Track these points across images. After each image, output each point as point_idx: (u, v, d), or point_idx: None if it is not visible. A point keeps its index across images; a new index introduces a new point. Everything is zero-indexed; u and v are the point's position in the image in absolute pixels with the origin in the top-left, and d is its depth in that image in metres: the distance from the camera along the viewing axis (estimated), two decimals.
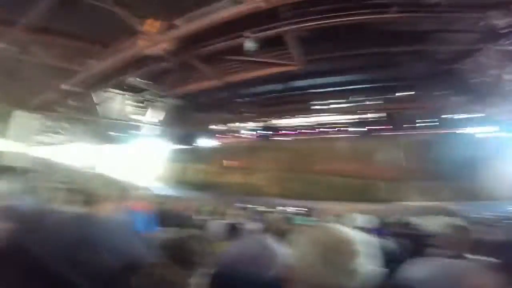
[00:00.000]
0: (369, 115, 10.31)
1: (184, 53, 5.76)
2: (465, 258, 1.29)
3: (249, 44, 5.23)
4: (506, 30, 3.69)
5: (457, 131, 8.92)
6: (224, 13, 4.35)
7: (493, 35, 4.98)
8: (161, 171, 15.29)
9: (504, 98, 6.41)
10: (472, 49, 6.01)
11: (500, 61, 5.79)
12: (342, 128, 11.79)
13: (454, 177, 8.06)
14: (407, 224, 4.42)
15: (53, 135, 10.47)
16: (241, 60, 6.45)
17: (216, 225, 3.46)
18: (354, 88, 9.36)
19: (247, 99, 11.17)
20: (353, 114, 10.51)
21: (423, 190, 9.97)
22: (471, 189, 7.82)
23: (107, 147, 11.99)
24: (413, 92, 8.47)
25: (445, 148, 8.60)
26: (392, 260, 2.52)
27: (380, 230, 4.14)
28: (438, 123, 9.15)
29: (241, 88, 10.12)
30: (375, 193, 12.21)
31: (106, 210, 1.39)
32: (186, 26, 4.68)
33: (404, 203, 10.02)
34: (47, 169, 7.66)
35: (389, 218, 6.00)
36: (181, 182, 15.08)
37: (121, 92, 9.27)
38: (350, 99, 9.67)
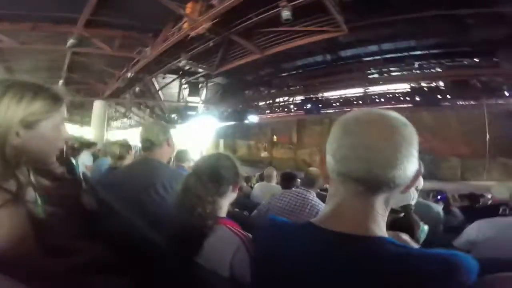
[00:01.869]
0: (434, 84, 8.84)
1: (226, 30, 6.01)
2: None
3: (286, 14, 5.10)
4: None
5: None
6: None
7: None
8: (214, 147, 16.56)
9: None
10: None
11: None
12: (401, 98, 10.49)
13: None
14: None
15: (125, 120, 12.43)
16: (281, 31, 6.31)
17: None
18: (415, 54, 8.12)
19: (293, 72, 10.89)
20: (416, 83, 9.17)
21: (508, 168, 8.43)
22: None
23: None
24: (492, 58, 6.90)
25: None
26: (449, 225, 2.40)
27: (441, 195, 3.79)
28: None
29: (285, 62, 9.93)
30: (445, 170, 10.84)
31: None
32: (223, 3, 4.84)
33: (482, 182, 8.68)
34: None
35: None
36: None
37: (176, 76, 10.25)
38: (412, 66, 8.42)
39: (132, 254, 0.84)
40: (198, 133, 13.65)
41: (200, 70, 8.92)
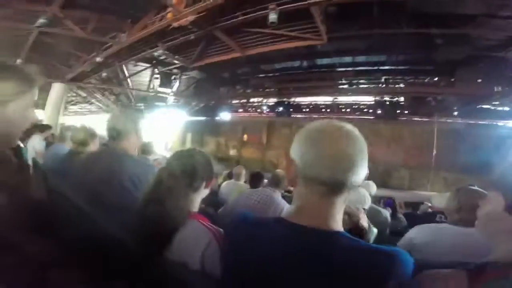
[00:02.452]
0: (397, 98, 9.79)
1: (209, 25, 5.83)
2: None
3: (273, 16, 5.13)
4: None
5: (494, 123, 8.28)
6: None
7: None
8: (180, 141, 15.96)
9: None
10: None
11: None
12: (365, 109, 11.38)
13: (484, 171, 7.71)
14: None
15: (85, 105, 11.30)
16: (265, 33, 6.35)
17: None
18: (383, 69, 8.87)
19: (269, 74, 11.05)
20: (380, 96, 10.02)
21: (448, 181, 9.64)
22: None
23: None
24: (450, 78, 7.88)
25: (478, 139, 8.08)
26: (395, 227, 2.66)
27: (388, 201, 4.28)
28: (473, 112, 8.53)
29: (264, 63, 10.02)
30: (395, 180, 12.01)
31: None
32: None
33: (425, 192, 9.81)
34: None
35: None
36: None
37: (149, 65, 9.63)
38: (379, 80, 9.18)
39: (91, 247, 0.78)
40: (165, 125, 13.03)
41: (176, 61, 8.51)
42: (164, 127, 14.82)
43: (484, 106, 7.89)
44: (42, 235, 0.66)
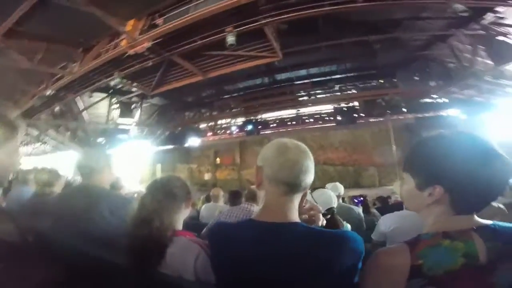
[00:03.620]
0: (351, 104, 10.60)
1: (167, 51, 5.85)
2: None
3: (231, 39, 5.35)
4: (466, 14, 3.98)
5: (438, 114, 9.36)
6: (205, 10, 4.48)
7: (461, 20, 5.35)
8: (151, 173, 15.20)
9: (478, 79, 6.83)
10: (443, 35, 6.38)
11: (472, 45, 6.17)
12: (327, 118, 12.09)
13: None
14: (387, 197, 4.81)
15: (38, 144, 10.26)
16: (224, 55, 6.55)
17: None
18: (335, 78, 9.65)
19: (234, 95, 11.27)
20: (337, 103, 10.77)
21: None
22: None
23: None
24: (392, 79, 8.85)
25: (426, 131, 9.03)
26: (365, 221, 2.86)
27: (359, 199, 4.54)
28: (419, 107, 9.59)
29: (226, 84, 10.23)
30: (366, 179, 12.66)
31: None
32: (167, 24, 4.77)
33: (391, 186, 10.49)
34: None
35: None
36: None
37: (106, 95, 9.20)
38: (334, 88, 9.93)
39: (83, 275, 0.87)
40: (131, 158, 12.33)
41: (134, 89, 8.28)
42: (131, 160, 14.03)
43: (427, 100, 8.95)
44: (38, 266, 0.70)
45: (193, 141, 13.11)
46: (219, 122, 13.73)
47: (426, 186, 0.69)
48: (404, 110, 9.67)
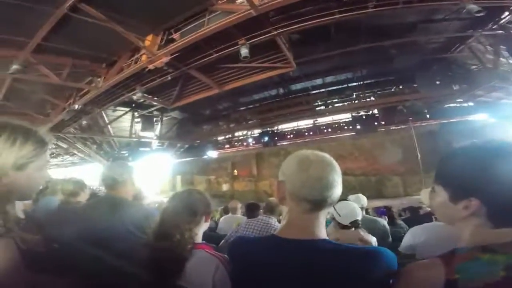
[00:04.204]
0: (370, 111, 10.32)
1: (184, 65, 6.12)
2: None
3: (244, 51, 5.48)
4: (481, 14, 3.79)
5: (464, 119, 8.83)
6: (218, 23, 4.68)
7: (477, 21, 5.11)
8: (171, 184, 15.57)
9: (504, 81, 6.42)
10: (460, 37, 6.12)
11: (493, 46, 5.86)
12: (345, 127, 11.81)
13: None
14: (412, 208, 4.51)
15: (68, 156, 10.99)
16: (239, 67, 6.72)
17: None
18: (352, 85, 9.49)
19: (249, 106, 11.44)
20: (355, 111, 10.53)
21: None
22: None
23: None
24: (412, 84, 8.51)
25: (451, 137, 8.49)
26: (392, 234, 2.72)
27: (383, 211, 4.29)
28: (443, 113, 9.10)
29: (242, 97, 10.41)
30: (390, 188, 12.03)
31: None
32: (183, 39, 5.02)
33: (418, 196, 9.86)
34: None
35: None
36: None
37: (129, 109, 9.74)
38: (351, 96, 9.74)
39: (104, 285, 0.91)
40: (153, 170, 12.78)
41: (155, 103, 8.68)
42: (153, 172, 14.54)
43: (451, 105, 8.45)
44: (59, 277, 0.75)
45: (211, 153, 13.36)
46: (236, 134, 13.93)
47: (461, 199, 0.64)
48: (427, 116, 9.19)
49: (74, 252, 1.11)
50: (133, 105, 9.47)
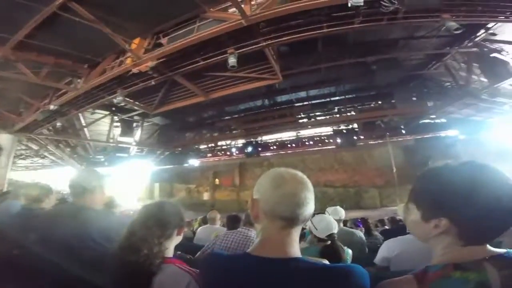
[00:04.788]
0: (351, 126, 10.71)
1: (170, 71, 6.01)
2: None
3: (232, 60, 5.50)
4: (459, 32, 4.11)
5: (436, 135, 9.39)
6: (208, 31, 4.69)
7: (455, 38, 5.52)
8: (149, 192, 14.95)
9: (475, 98, 6.90)
10: (438, 54, 6.57)
11: (467, 63, 6.30)
12: (326, 140, 12.14)
13: None
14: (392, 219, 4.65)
15: (38, 158, 10.21)
16: (225, 76, 6.73)
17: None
18: (334, 99, 9.84)
19: (234, 116, 11.43)
20: (336, 125, 10.88)
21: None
22: None
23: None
24: (391, 99, 8.97)
25: (425, 152, 9.02)
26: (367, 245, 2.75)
27: (360, 222, 4.39)
28: (418, 128, 9.65)
29: (227, 106, 10.40)
30: (367, 200, 12.41)
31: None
32: (171, 44, 4.97)
33: (396, 207, 10.23)
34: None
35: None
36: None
37: (108, 112, 9.33)
38: (333, 110, 10.07)
39: None
40: (130, 176, 12.21)
41: (137, 108, 8.41)
42: (130, 179, 13.89)
43: (425, 121, 9.01)
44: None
45: (192, 162, 13.07)
46: (219, 143, 13.80)
47: (431, 218, 0.67)
48: (403, 131, 9.70)
49: (35, 259, 1.06)
50: (113, 108, 9.09)
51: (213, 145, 13.81)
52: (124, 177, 11.80)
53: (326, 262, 0.86)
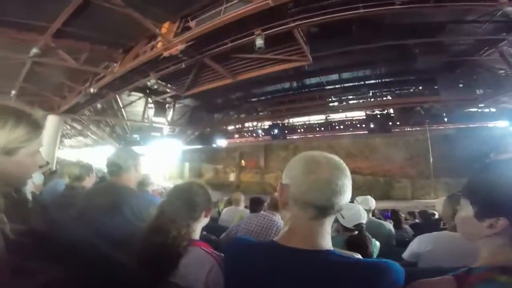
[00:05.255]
0: (386, 111, 10.04)
1: (199, 54, 6.09)
2: None
3: (259, 42, 5.36)
4: None
5: (482, 125, 8.47)
6: (234, 12, 4.58)
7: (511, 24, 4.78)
8: (179, 171, 15.85)
9: None
10: (492, 40, 5.78)
11: None
12: (358, 125, 11.58)
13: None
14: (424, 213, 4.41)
15: (82, 137, 11.37)
16: (253, 58, 6.61)
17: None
18: (369, 83, 9.21)
19: (261, 98, 11.35)
20: (370, 109, 10.27)
21: (450, 186, 9.56)
22: None
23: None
24: (433, 85, 8.16)
25: (469, 143, 8.17)
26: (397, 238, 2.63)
27: (388, 214, 4.22)
28: (461, 118, 8.74)
29: (254, 88, 10.32)
30: (397, 190, 11.86)
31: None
32: (199, 27, 4.97)
33: (429, 200, 9.66)
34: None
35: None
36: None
37: (143, 94, 9.89)
38: (367, 94, 9.47)
39: (98, 274, 0.86)
40: (162, 155, 13.03)
41: (169, 90, 8.75)
42: (162, 158, 14.81)
43: (471, 110, 8.10)
44: (48, 264, 0.70)
45: (220, 142, 13.46)
46: (246, 124, 13.93)
47: (487, 217, 0.62)
48: (445, 119, 8.84)
49: (69, 238, 1.08)
50: (147, 91, 9.59)
51: (240, 126, 13.99)
52: (156, 156, 12.57)
53: (359, 256, 0.82)
